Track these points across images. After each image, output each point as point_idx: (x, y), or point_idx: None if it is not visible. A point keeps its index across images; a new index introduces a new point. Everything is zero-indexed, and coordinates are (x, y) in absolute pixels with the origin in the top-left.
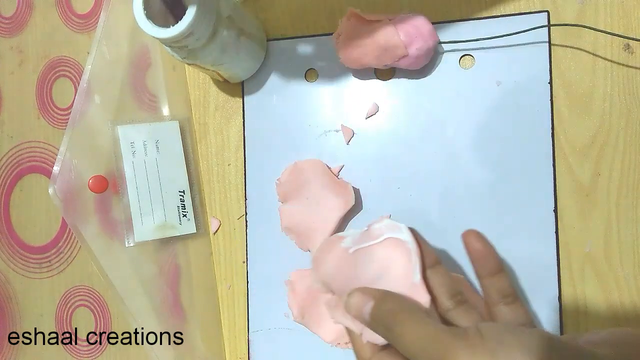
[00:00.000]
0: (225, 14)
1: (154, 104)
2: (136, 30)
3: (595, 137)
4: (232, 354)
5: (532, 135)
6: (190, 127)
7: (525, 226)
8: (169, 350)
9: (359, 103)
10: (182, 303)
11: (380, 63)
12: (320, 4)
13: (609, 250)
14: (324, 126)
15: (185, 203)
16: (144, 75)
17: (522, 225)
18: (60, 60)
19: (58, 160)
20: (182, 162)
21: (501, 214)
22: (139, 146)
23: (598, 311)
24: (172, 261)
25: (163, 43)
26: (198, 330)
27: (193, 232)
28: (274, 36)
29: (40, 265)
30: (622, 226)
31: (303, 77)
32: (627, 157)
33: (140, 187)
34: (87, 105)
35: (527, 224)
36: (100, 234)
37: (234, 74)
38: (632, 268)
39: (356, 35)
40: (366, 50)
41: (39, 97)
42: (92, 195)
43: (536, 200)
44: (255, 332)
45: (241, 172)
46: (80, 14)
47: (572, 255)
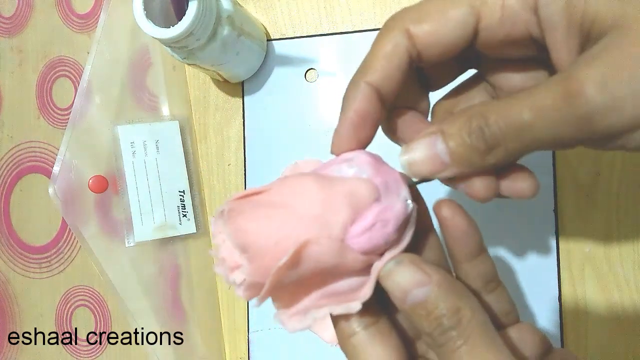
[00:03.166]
0: (225, 14)
1: (154, 104)
2: (136, 30)
3: None
4: (232, 354)
5: None
6: (190, 127)
7: (525, 226)
8: (169, 350)
9: None
10: (182, 303)
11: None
12: (320, 4)
13: (609, 250)
14: (324, 126)
15: (185, 203)
16: (144, 75)
17: (522, 225)
18: (60, 60)
19: (58, 160)
20: (182, 162)
21: (501, 214)
22: (139, 146)
23: (598, 311)
24: (172, 261)
25: (163, 43)
26: (198, 330)
27: (193, 232)
28: (274, 36)
29: (40, 265)
30: (622, 226)
31: (303, 77)
32: (627, 157)
33: (140, 187)
34: (87, 105)
35: (527, 224)
36: (100, 234)
37: (234, 74)
38: (632, 268)
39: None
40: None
41: (39, 97)
42: (92, 195)
43: (536, 200)
44: (255, 332)
45: (241, 172)
46: (80, 14)
47: (572, 255)
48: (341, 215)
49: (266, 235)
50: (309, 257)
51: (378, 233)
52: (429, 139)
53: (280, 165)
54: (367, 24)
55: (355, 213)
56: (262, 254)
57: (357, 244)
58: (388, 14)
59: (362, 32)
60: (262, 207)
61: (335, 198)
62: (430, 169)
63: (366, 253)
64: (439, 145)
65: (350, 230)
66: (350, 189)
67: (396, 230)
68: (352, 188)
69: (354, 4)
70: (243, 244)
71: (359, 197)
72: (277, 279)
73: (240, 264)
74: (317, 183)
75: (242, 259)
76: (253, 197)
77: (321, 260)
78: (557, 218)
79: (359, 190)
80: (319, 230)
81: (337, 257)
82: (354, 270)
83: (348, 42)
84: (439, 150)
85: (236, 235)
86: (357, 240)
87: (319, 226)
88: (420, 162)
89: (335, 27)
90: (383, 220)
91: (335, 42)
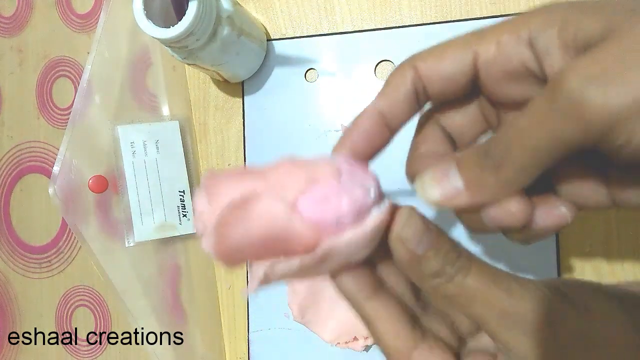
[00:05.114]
0: (225, 14)
1: (154, 104)
2: (136, 30)
3: None
4: (232, 354)
5: None
6: (190, 127)
7: None
8: (169, 350)
9: (359, 103)
10: (182, 303)
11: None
12: (320, 4)
13: (609, 250)
14: (324, 126)
15: (185, 203)
16: (144, 75)
17: None
18: (60, 60)
19: (58, 160)
20: (182, 162)
21: None
22: (139, 146)
23: None
24: (172, 261)
25: (163, 43)
26: (198, 330)
27: (193, 232)
28: (274, 36)
29: (40, 265)
30: (622, 226)
31: (303, 77)
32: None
33: (140, 187)
34: (87, 105)
35: None
36: (100, 234)
37: (234, 74)
38: (632, 268)
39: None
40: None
41: (39, 97)
42: (92, 195)
43: None
44: (255, 332)
45: None
46: (80, 14)
47: (572, 255)
48: (297, 183)
49: (232, 186)
50: (258, 211)
51: (329, 208)
52: (443, 168)
53: None
54: (367, 24)
55: (311, 185)
56: (221, 199)
57: (305, 212)
58: (388, 14)
59: (362, 32)
60: (238, 173)
61: (298, 170)
62: (444, 195)
63: (315, 225)
64: (452, 173)
65: (301, 198)
66: (314, 167)
67: (353, 213)
68: (316, 166)
69: (354, 4)
70: (212, 191)
71: (319, 174)
72: (226, 221)
73: (207, 211)
74: (290, 160)
75: (208, 205)
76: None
77: (269, 219)
78: None
79: (321, 167)
80: (276, 193)
81: (286, 221)
82: (302, 245)
83: (348, 42)
84: (451, 175)
85: (209, 184)
86: (306, 209)
87: (277, 191)
88: (435, 189)
89: (335, 27)
90: (338, 198)
91: (335, 42)
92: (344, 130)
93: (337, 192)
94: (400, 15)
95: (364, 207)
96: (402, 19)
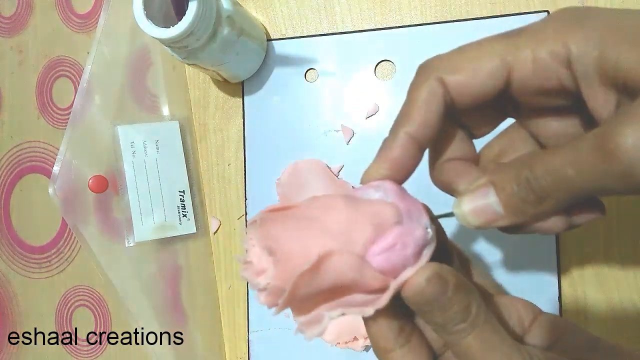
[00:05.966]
0: (225, 14)
1: (154, 104)
2: (136, 30)
3: None
4: (232, 354)
5: None
6: (190, 127)
7: None
8: (169, 350)
9: (359, 103)
10: (182, 303)
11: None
12: (320, 4)
13: (609, 250)
14: (324, 126)
15: (185, 203)
16: (144, 75)
17: None
18: (60, 60)
19: (58, 160)
20: (182, 162)
21: None
22: (139, 146)
23: (598, 311)
24: (172, 261)
25: (163, 43)
26: (198, 330)
27: (193, 232)
28: (274, 36)
29: (40, 265)
30: (622, 226)
31: (303, 77)
32: None
33: (140, 187)
34: (87, 105)
35: None
36: (100, 234)
37: (234, 74)
38: (632, 268)
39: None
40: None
41: (39, 97)
42: (92, 195)
43: None
44: (255, 332)
45: (241, 172)
46: (80, 14)
47: (572, 255)
48: (364, 233)
49: (294, 241)
50: (330, 268)
51: (397, 254)
52: (481, 191)
53: (280, 165)
54: (367, 24)
55: (378, 233)
56: (288, 258)
57: (376, 262)
58: (388, 14)
59: (362, 32)
60: (292, 218)
61: (360, 217)
62: (485, 220)
63: (384, 272)
64: (491, 197)
65: (371, 248)
66: (375, 210)
67: (415, 254)
68: (377, 209)
69: (354, 4)
70: (271, 247)
71: (383, 219)
72: (299, 285)
73: (266, 268)
74: (344, 201)
75: (269, 262)
76: (285, 210)
77: (341, 273)
78: None
79: (383, 212)
80: (343, 244)
81: (356, 272)
82: (369, 290)
83: (348, 42)
84: (492, 202)
85: (266, 239)
86: (376, 259)
87: (343, 241)
88: (475, 213)
89: (335, 27)
90: (403, 242)
91: (335, 42)
92: (378, 156)
93: (403, 240)
94: (400, 15)
95: (424, 247)
96: (402, 19)
